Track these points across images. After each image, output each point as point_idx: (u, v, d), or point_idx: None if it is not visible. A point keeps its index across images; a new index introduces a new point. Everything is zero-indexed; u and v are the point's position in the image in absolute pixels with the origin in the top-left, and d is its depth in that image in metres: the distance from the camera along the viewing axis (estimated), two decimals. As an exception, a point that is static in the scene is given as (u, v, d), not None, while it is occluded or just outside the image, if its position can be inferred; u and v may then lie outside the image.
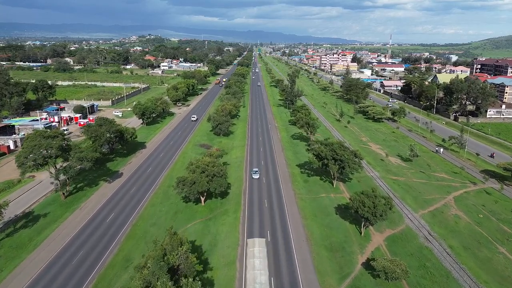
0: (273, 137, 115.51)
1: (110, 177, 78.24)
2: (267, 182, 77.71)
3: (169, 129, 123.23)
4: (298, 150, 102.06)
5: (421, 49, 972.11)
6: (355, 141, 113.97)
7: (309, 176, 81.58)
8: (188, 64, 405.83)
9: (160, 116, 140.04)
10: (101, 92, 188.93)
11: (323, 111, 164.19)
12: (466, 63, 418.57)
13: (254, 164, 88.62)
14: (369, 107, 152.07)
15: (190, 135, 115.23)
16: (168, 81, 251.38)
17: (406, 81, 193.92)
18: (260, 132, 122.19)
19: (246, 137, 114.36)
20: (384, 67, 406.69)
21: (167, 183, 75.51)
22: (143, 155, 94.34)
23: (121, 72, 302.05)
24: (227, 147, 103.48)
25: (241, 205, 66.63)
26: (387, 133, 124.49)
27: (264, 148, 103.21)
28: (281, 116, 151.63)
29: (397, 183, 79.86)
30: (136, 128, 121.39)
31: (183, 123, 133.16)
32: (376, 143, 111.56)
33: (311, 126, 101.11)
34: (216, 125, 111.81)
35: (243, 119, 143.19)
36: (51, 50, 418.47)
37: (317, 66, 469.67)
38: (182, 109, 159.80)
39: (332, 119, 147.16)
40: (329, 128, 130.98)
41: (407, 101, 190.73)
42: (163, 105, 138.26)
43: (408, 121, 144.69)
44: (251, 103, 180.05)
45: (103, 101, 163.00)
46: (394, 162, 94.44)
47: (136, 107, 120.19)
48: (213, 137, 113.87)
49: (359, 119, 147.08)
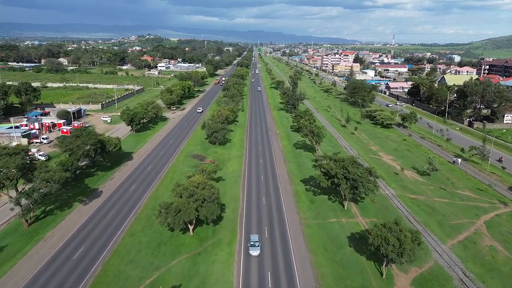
0: (274, 146, 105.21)
1: (87, 196, 68.00)
2: (267, 203, 67.40)
3: (161, 136, 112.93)
4: (301, 161, 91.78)
5: (422, 49, 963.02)
6: (364, 150, 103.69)
7: (315, 194, 71.33)
8: (186, 64, 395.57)
9: (152, 122, 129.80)
10: (92, 94, 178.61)
11: (326, 115, 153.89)
12: (471, 63, 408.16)
13: (252, 179, 78.37)
14: (376, 111, 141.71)
15: (183, 144, 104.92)
16: (164, 83, 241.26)
17: (414, 83, 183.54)
18: (260, 140, 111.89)
19: (244, 146, 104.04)
20: (387, 68, 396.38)
21: (152, 204, 65.23)
22: (128, 168, 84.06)
23: (116, 73, 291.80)
24: (222, 158, 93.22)
25: (236, 234, 56.34)
26: (398, 141, 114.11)
27: (264, 159, 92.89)
28: (282, 121, 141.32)
29: (417, 203, 69.58)
30: (125, 135, 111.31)
31: (176, 129, 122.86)
32: (387, 153, 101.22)
33: (316, 135, 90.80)
34: (211, 133, 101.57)
35: (242, 124, 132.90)
36: (45, 50, 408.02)
37: (318, 67, 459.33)
38: (176, 114, 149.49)
39: (337, 125, 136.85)
40: (334, 135, 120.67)
41: (415, 104, 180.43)
42: (155, 110, 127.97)
43: (419, 127, 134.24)
44: (250, 107, 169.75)
45: (92, 105, 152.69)
46: (410, 176, 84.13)
47: (124, 113, 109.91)
48: (207, 146, 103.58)
49: (367, 124, 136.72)
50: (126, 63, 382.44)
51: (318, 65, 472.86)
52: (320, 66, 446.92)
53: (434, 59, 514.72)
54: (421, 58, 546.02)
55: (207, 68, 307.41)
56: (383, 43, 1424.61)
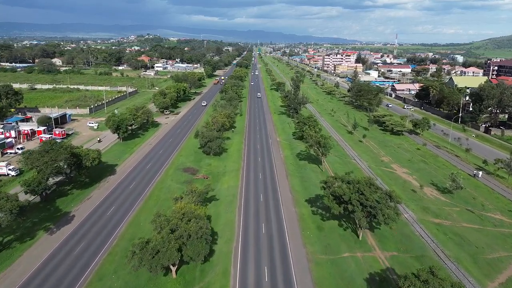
0: (275, 156, 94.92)
1: (55, 222, 57.79)
2: (268, 232, 57.15)
3: (150, 145, 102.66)
4: (306, 176, 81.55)
5: (423, 49, 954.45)
6: (374, 161, 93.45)
7: (323, 219, 61.11)
8: (184, 65, 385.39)
9: (142, 128, 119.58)
10: (81, 97, 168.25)
11: (331, 120, 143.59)
12: (477, 63, 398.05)
13: (250, 199, 68.13)
14: (385, 116, 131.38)
15: (174, 154, 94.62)
16: (159, 84, 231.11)
17: (423, 85, 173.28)
18: (259, 149, 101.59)
19: (241, 157, 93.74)
20: (390, 68, 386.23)
21: (130, 234, 55.05)
22: (109, 185, 73.82)
23: (111, 73, 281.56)
24: (217, 172, 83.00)
25: (229, 276, 46.12)
26: (412, 151, 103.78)
27: (264, 173, 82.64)
28: (283, 127, 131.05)
29: (442, 230, 59.37)
30: (110, 144, 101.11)
31: (168, 136, 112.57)
32: (401, 165, 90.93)
33: (322, 146, 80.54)
34: (205, 142, 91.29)
35: (239, 131, 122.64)
36: (40, 50, 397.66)
37: (319, 67, 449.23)
38: (169, 119, 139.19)
39: (343, 131, 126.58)
40: (340, 143, 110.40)
41: (424, 107, 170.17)
42: (145, 115, 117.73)
43: (432, 134, 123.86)
44: (249, 111, 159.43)
45: (79, 109, 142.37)
46: (430, 194, 73.91)
47: (110, 120, 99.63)
48: (201, 156, 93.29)
49: (375, 131, 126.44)
50: (122, 63, 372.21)
51: (319, 65, 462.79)
52: (322, 66, 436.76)
53: (438, 59, 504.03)
54: (424, 58, 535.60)
55: (205, 68, 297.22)
56: (383, 43, 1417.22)
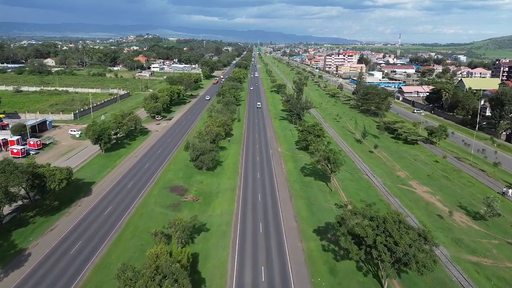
0: (276, 171, 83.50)
1: (5, 266, 46.44)
2: (268, 278, 45.79)
3: (136, 157, 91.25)
4: (313, 196, 70.22)
5: (423, 49, 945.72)
6: (389, 177, 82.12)
7: (337, 258, 49.79)
8: (182, 65, 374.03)
9: (129, 137, 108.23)
10: (68, 101, 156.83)
11: (336, 127, 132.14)
12: (483, 64, 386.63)
13: (247, 231, 56.79)
14: (396, 123, 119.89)
15: (161, 169, 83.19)
16: (154, 86, 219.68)
17: (435, 88, 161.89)
18: (259, 162, 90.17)
19: (238, 172, 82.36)
20: (394, 69, 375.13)
21: (95, 284, 43.70)
22: (81, 209, 62.45)
23: (105, 74, 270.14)
24: (209, 192, 71.65)
25: None
26: (430, 164, 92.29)
27: (264, 193, 71.27)
28: (285, 134, 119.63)
29: (484, 273, 48.06)
30: (91, 156, 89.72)
31: (157, 147, 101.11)
32: (420, 182, 79.56)
33: (332, 162, 69.13)
34: (196, 156, 79.88)
35: (237, 139, 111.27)
36: (33, 50, 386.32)
37: (320, 68, 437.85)
38: (161, 125, 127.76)
39: (351, 139, 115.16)
40: (349, 154, 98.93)
41: (435, 112, 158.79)
42: (132, 123, 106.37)
43: (449, 143, 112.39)
44: (247, 116, 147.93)
45: (63, 114, 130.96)
46: (460, 221, 62.57)
47: (90, 129, 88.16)
48: (192, 171, 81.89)
49: (386, 139, 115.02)
50: (118, 64, 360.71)
51: (321, 66, 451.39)
52: (323, 67, 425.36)
53: (442, 59, 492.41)
54: (428, 58, 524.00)
55: (203, 69, 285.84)
56: (384, 43, 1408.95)
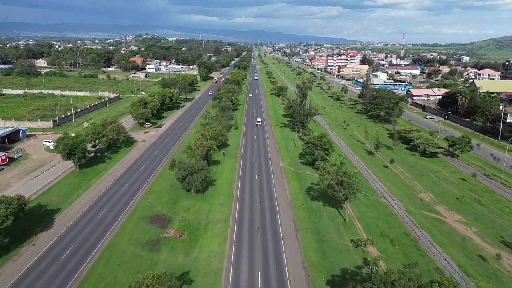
0: (278, 194, 70.81)
1: None
2: None
3: (115, 175, 78.61)
4: (323, 230, 57.57)
5: (424, 49, 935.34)
6: (411, 201, 69.46)
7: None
8: (179, 66, 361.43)
9: (111, 149, 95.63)
10: (50, 106, 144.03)
11: (344, 135, 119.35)
12: (490, 65, 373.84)
13: (241, 283, 44.18)
14: (412, 132, 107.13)
15: (142, 191, 70.49)
16: (148, 88, 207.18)
17: (449, 92, 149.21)
18: (257, 182, 77.42)
19: (233, 195, 69.71)
20: (398, 70, 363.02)
21: None
22: (35, 250, 49.89)
23: (97, 76, 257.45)
24: (197, 224, 59.01)
25: None
26: (455, 183, 79.58)
27: (263, 226, 58.59)
28: (287, 145, 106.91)
29: None
30: (63, 174, 77.11)
31: (141, 161, 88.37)
32: (449, 208, 66.91)
33: (347, 187, 56.43)
34: (183, 176, 67.22)
35: (233, 151, 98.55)
36: (25, 50, 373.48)
37: (322, 68, 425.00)
38: (149, 133, 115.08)
39: (361, 151, 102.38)
40: (361, 170, 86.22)
41: (449, 118, 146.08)
42: (113, 133, 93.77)
43: (472, 155, 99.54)
44: (245, 123, 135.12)
45: (41, 122, 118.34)
46: (508, 264, 50.03)
47: (60, 143, 75.60)
48: (178, 194, 69.24)
49: (400, 151, 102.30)
50: (113, 64, 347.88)
51: (322, 66, 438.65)
52: (325, 67, 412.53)
53: (446, 60, 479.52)
54: (431, 59, 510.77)
55: (200, 70, 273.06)
56: (384, 43, 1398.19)
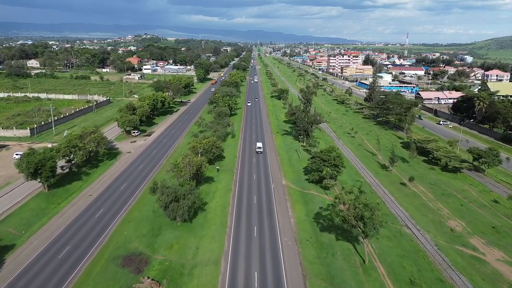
0: (281, 224, 59.19)
1: None
2: None
3: (90, 197, 67.11)
4: (337, 276, 46.01)
5: (425, 49, 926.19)
6: (439, 230, 57.99)
7: None
8: (176, 67, 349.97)
9: (91, 163, 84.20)
10: (31, 111, 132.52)
11: (352, 145, 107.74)
12: (497, 65, 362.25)
13: None
14: (429, 142, 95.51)
15: (118, 220, 58.99)
16: (141, 91, 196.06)
17: (465, 96, 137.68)
18: (256, 206, 65.78)
19: (227, 226, 58.22)
20: (402, 70, 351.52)
21: None
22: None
23: (89, 77, 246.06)
24: (180, 267, 47.50)
25: None
26: (488, 206, 67.99)
27: (263, 272, 47.05)
28: (290, 157, 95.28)
29: None
30: (27, 197, 65.67)
31: (122, 180, 76.79)
32: (486, 241, 55.36)
33: (368, 223, 44.97)
34: (166, 203, 55.73)
35: (229, 165, 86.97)
36: (17, 50, 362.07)
37: (323, 69, 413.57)
38: (136, 143, 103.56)
39: (374, 164, 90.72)
40: (376, 188, 74.75)
41: (465, 124, 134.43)
42: (93, 145, 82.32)
43: (500, 170, 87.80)
44: (243, 131, 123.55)
45: (17, 130, 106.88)
46: None
47: (23, 160, 64.18)
48: (161, 224, 57.78)
49: (417, 164, 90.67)
50: (108, 65, 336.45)
51: (323, 67, 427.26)
52: (327, 68, 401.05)
53: (451, 60, 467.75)
54: (435, 59, 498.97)
55: (197, 71, 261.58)
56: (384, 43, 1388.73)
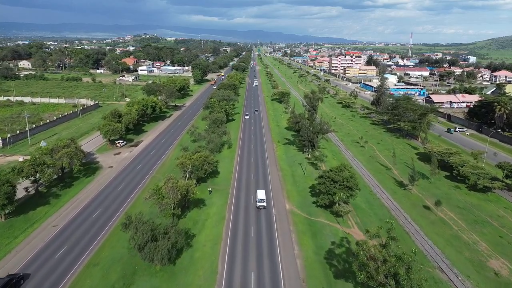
0: (285, 266, 47.78)
1: None
2: None
3: (54, 228, 55.79)
4: None
5: (426, 49, 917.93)
6: (480, 273, 46.81)
7: None
8: (173, 67, 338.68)
9: (64, 181, 72.91)
10: (9, 118, 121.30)
11: (362, 157, 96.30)
12: (505, 66, 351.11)
13: None
14: (452, 155, 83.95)
15: (82, 264, 47.66)
16: (134, 94, 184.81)
17: (484, 101, 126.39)
18: (254, 239, 54.34)
19: (217, 271, 46.81)
20: (407, 71, 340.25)
21: None
22: None
23: (81, 79, 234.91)
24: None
25: None
26: (534, 239, 56.84)
27: None
28: (293, 172, 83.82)
29: None
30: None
31: (96, 204, 65.35)
32: (545, 292, 44.22)
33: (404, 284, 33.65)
34: (141, 244, 44.34)
35: (223, 184, 75.52)
36: (9, 51, 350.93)
37: (325, 69, 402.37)
38: (121, 156, 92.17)
39: (389, 181, 79.28)
40: (396, 213, 63.38)
41: (484, 131, 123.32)
42: (65, 161, 71.01)
43: (536, 188, 76.60)
44: (241, 140, 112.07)
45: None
46: None
47: (-28, 186, 52.86)
48: (135, 269, 46.36)
49: (440, 181, 79.25)
50: (102, 66, 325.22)
51: (325, 67, 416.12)
52: (329, 69, 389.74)
53: (456, 60, 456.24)
54: (439, 59, 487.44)
55: (194, 73, 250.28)
56: (385, 43, 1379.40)
